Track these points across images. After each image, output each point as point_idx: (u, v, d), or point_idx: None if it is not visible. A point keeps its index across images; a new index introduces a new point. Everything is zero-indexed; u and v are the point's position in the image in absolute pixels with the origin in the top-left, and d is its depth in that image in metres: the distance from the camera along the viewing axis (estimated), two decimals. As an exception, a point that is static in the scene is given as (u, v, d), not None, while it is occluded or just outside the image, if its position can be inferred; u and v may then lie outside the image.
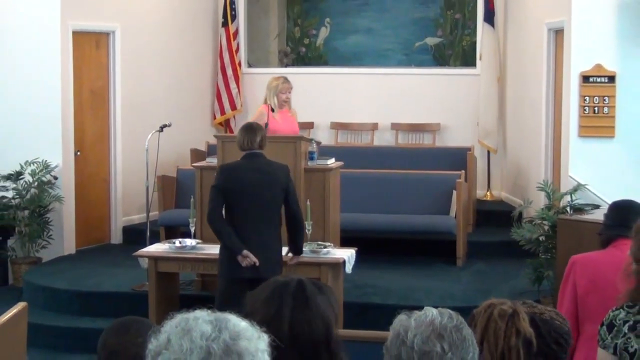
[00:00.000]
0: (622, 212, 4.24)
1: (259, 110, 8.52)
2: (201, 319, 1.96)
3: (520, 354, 2.28)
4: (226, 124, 11.47)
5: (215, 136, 8.86)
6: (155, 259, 7.38)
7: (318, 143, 8.13)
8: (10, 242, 9.16)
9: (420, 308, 2.16)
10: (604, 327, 3.32)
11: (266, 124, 7.75)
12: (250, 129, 6.52)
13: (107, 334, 2.99)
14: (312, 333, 2.41)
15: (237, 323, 1.97)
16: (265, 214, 6.37)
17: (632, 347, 3.27)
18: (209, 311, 2.01)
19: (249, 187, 6.33)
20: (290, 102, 8.51)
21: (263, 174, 6.38)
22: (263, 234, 6.34)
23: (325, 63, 11.97)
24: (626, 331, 3.27)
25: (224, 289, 6.48)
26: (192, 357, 1.88)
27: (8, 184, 9.02)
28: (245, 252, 6.25)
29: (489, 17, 10.82)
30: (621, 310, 3.29)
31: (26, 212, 9.04)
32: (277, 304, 2.47)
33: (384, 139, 11.26)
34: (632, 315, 3.27)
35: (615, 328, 3.29)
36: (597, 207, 7.39)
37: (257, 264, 6.23)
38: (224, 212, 6.41)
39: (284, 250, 6.71)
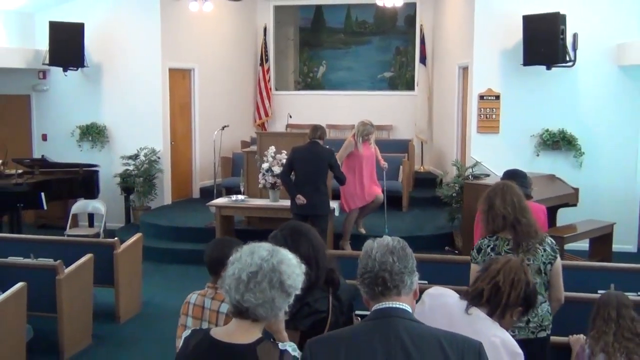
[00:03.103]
0: (509, 177, 4.18)
1: (348, 140, 7.41)
2: (262, 247, 1.93)
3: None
4: (262, 125, 11.41)
5: (256, 132, 8.81)
6: (219, 207, 7.38)
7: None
8: (132, 197, 9.15)
9: (380, 236, 2.13)
10: (475, 251, 3.32)
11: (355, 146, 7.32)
12: (314, 128, 6.54)
13: (210, 248, 2.83)
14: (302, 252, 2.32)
15: (286, 254, 1.93)
16: (313, 177, 6.35)
17: None
18: (271, 245, 1.97)
19: (305, 160, 6.35)
20: (371, 139, 7.39)
21: (315, 154, 6.37)
22: (311, 188, 6.33)
23: (323, 88, 11.87)
24: (489, 251, 3.26)
25: (292, 220, 6.51)
26: (250, 268, 1.87)
27: (130, 161, 9.02)
28: (298, 195, 6.31)
29: (423, 60, 10.75)
30: (485, 239, 3.32)
31: (141, 179, 9.01)
32: (280, 239, 2.44)
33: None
34: (492, 241, 3.30)
35: (482, 250, 3.29)
36: (487, 175, 7.38)
37: (305, 203, 6.29)
38: (293, 173, 6.44)
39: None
